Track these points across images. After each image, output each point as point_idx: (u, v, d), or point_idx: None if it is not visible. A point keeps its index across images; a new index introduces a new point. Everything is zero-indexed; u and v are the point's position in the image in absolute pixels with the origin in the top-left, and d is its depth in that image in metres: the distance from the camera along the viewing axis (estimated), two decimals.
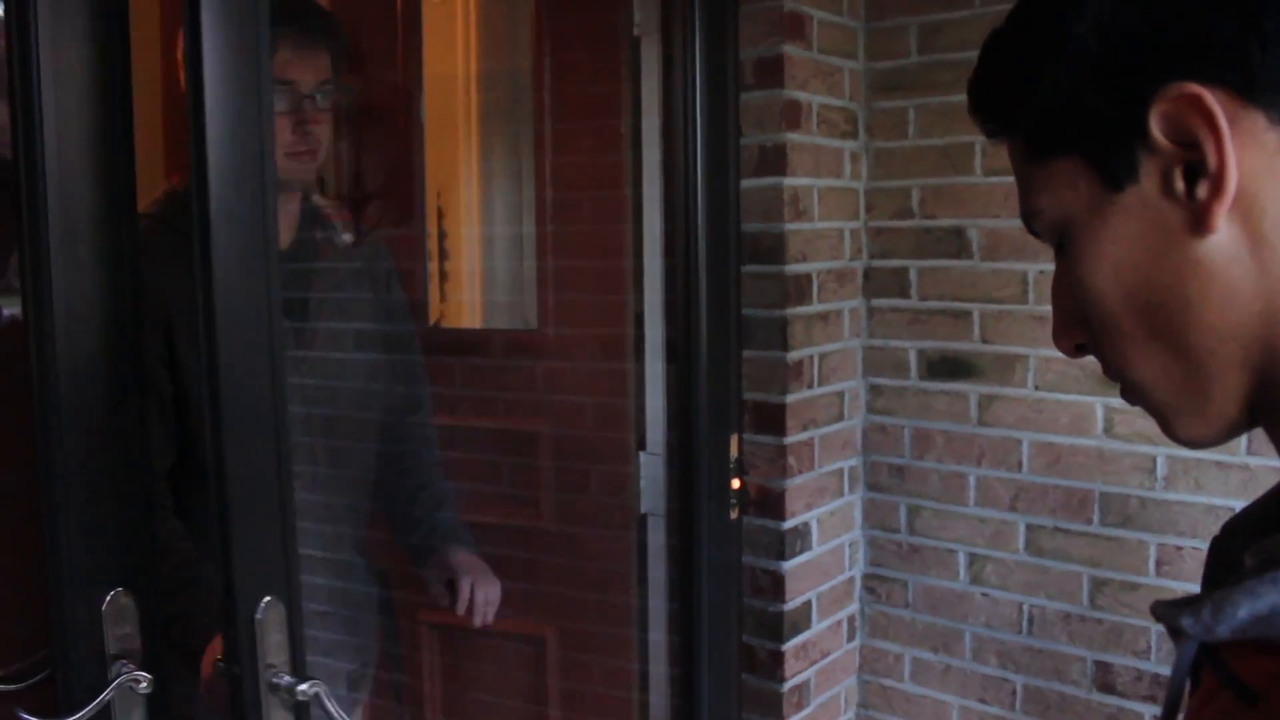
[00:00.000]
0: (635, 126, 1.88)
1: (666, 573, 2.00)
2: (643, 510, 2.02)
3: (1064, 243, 0.60)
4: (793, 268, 1.94)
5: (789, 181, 1.91)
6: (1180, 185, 0.54)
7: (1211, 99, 0.51)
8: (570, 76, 1.88)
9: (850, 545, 2.18)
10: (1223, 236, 0.53)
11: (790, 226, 1.93)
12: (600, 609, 2.20)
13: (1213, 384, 0.56)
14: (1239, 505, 1.76)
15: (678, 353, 1.87)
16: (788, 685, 2.00)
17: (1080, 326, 0.62)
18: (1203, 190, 0.53)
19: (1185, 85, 0.52)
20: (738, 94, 1.85)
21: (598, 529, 2.15)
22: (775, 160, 1.90)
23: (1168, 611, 0.55)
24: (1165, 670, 1.88)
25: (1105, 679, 1.96)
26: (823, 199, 2.01)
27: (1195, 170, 0.53)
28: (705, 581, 1.91)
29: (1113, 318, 0.58)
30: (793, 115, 1.90)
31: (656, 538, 2.00)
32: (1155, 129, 0.53)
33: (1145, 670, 1.92)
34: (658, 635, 2.04)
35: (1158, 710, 1.90)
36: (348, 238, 1.67)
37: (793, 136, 1.90)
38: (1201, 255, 0.54)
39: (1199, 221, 0.53)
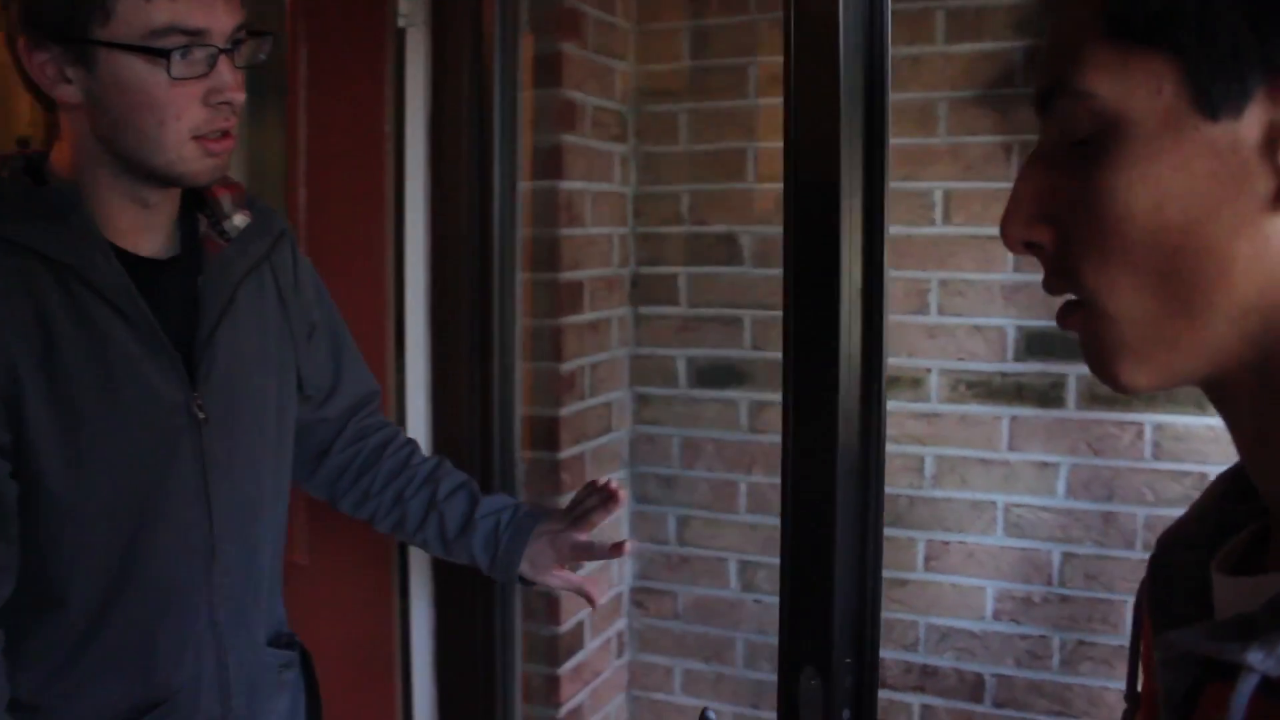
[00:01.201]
0: (399, 124, 1.85)
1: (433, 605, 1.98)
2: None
3: (1101, 143, 0.55)
4: (566, 275, 1.99)
5: (564, 185, 1.96)
6: None
7: None
8: (326, 68, 1.83)
9: (619, 560, 2.26)
10: None
11: (565, 232, 1.97)
12: (362, 640, 2.15)
13: (1196, 341, 0.55)
14: (1001, 499, 2.00)
15: (453, 365, 1.86)
16: (564, 710, 2.05)
17: (1047, 226, 0.59)
18: None
19: None
20: (515, 93, 1.87)
21: (355, 559, 2.10)
22: (552, 163, 1.94)
23: (1213, 644, 0.54)
24: (934, 661, 2.09)
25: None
26: (595, 204, 2.08)
27: None
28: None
29: (1129, 242, 0.55)
30: (568, 116, 1.95)
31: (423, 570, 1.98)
32: None
33: (914, 663, 2.11)
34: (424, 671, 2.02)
35: (926, 700, 2.11)
36: (240, 220, 1.31)
37: (568, 138, 1.95)
38: (1271, 230, 0.52)
39: None
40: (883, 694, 2.10)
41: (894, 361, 2.06)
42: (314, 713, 1.57)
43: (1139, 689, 0.73)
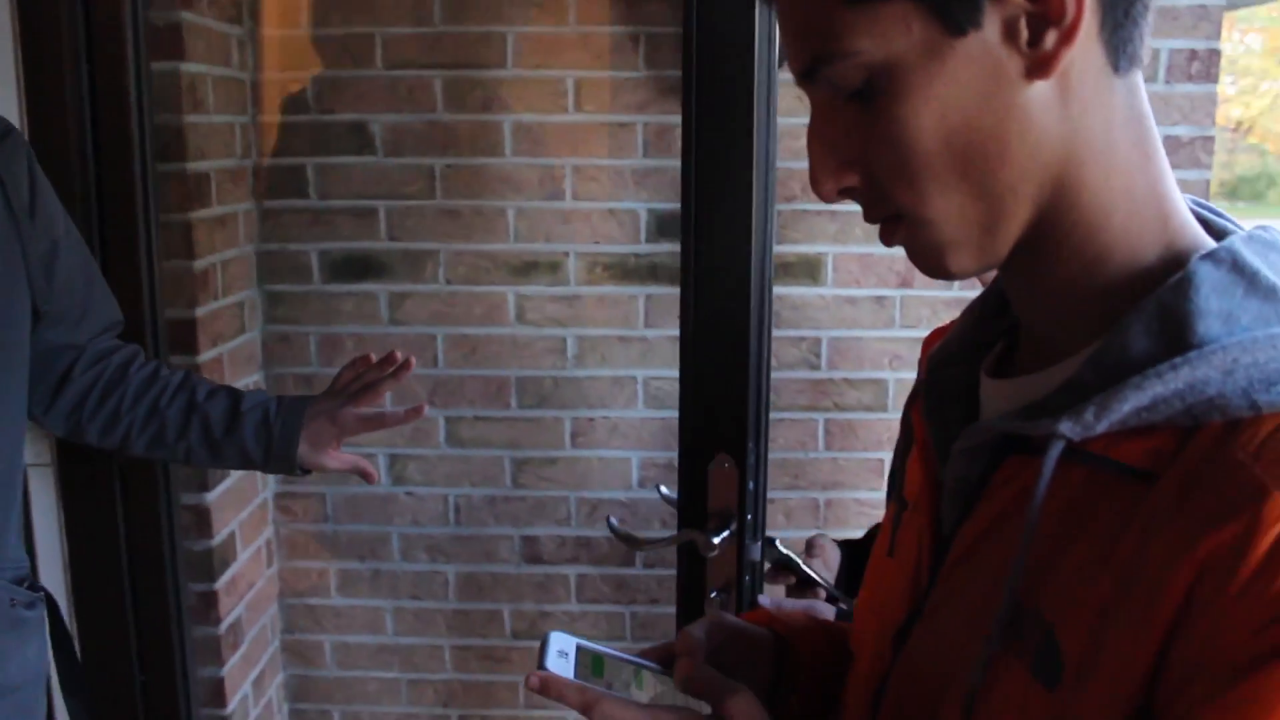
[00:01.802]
0: None
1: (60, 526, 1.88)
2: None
3: (876, 86, 0.65)
4: (194, 165, 1.91)
5: (186, 67, 1.86)
6: (1025, 34, 0.63)
7: None
8: None
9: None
10: (1043, 86, 0.64)
11: (190, 119, 1.88)
12: None
13: (1003, 219, 0.68)
14: (640, 374, 2.18)
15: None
16: (224, 626, 2.02)
17: (851, 170, 0.69)
18: (1051, 40, 0.63)
19: None
20: None
21: None
22: (171, 41, 1.83)
23: (1027, 423, 0.67)
24: (586, 533, 2.27)
25: (532, 551, 2.29)
26: (215, 89, 1.99)
27: (1037, 20, 0.63)
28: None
29: (927, 157, 0.66)
30: None
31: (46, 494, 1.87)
32: None
33: (568, 536, 2.28)
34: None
35: (582, 570, 2.28)
36: None
37: (187, 16, 1.84)
38: (1025, 101, 0.64)
39: (1040, 67, 0.63)
40: (540, 570, 2.26)
41: (532, 247, 2.17)
42: (71, 671, 1.50)
43: (904, 493, 0.88)
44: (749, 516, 1.60)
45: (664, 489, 1.82)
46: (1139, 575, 0.60)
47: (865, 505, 2.21)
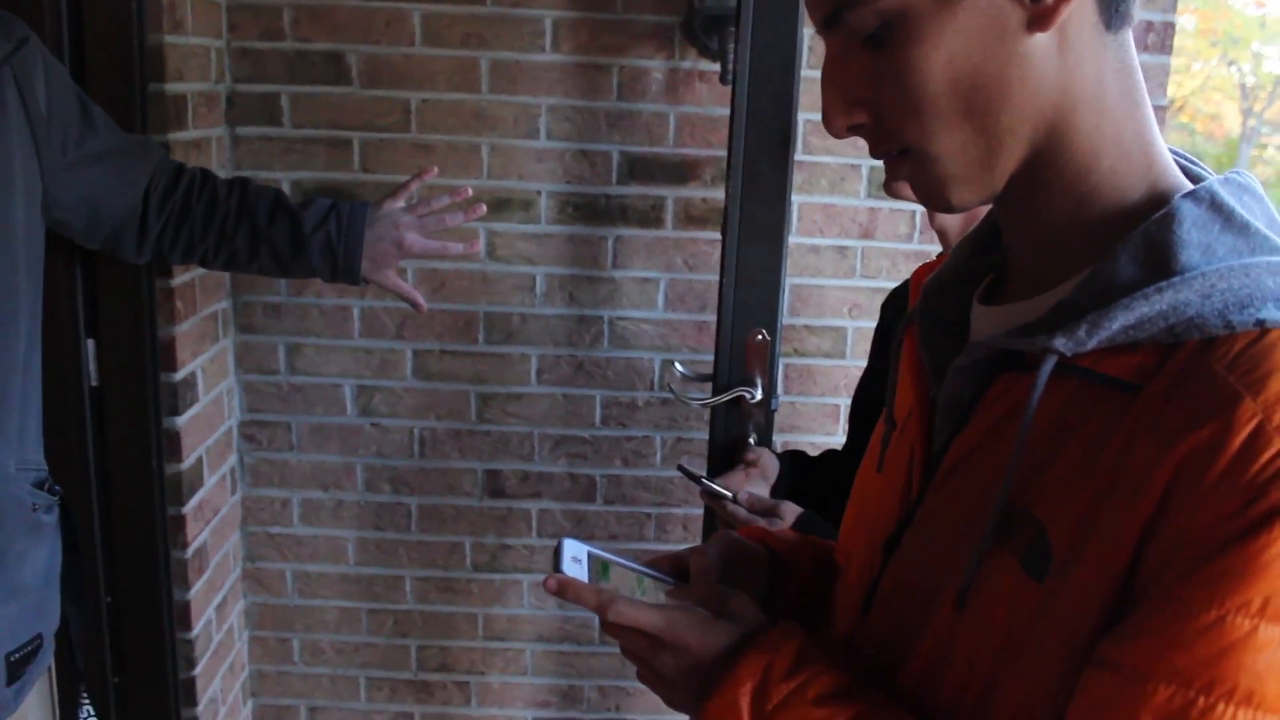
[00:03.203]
0: None
1: None
2: None
3: (890, 31, 0.72)
4: (173, 87, 1.89)
5: None
6: None
7: None
8: None
9: (228, 393, 2.23)
10: (1042, 37, 0.71)
11: (170, 39, 1.86)
12: None
13: (1001, 157, 0.74)
14: (607, 313, 2.21)
15: None
16: (190, 550, 2.02)
17: (861, 109, 0.76)
18: None
19: None
20: None
21: None
22: None
23: (1023, 340, 0.73)
24: (548, 468, 2.30)
25: (495, 485, 2.32)
26: (194, 10, 1.97)
27: None
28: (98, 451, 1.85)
29: (934, 98, 0.72)
30: None
31: None
32: None
33: (530, 471, 2.31)
34: None
35: (544, 505, 2.32)
36: None
37: None
38: (1026, 50, 0.71)
39: (1040, 20, 0.70)
40: (502, 504, 2.29)
41: (505, 184, 2.18)
42: (76, 575, 1.53)
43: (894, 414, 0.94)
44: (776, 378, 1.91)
45: (679, 366, 2.04)
46: (1124, 474, 0.67)
47: (820, 449, 2.26)
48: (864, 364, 2.25)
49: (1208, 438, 0.64)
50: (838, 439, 2.32)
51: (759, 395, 1.80)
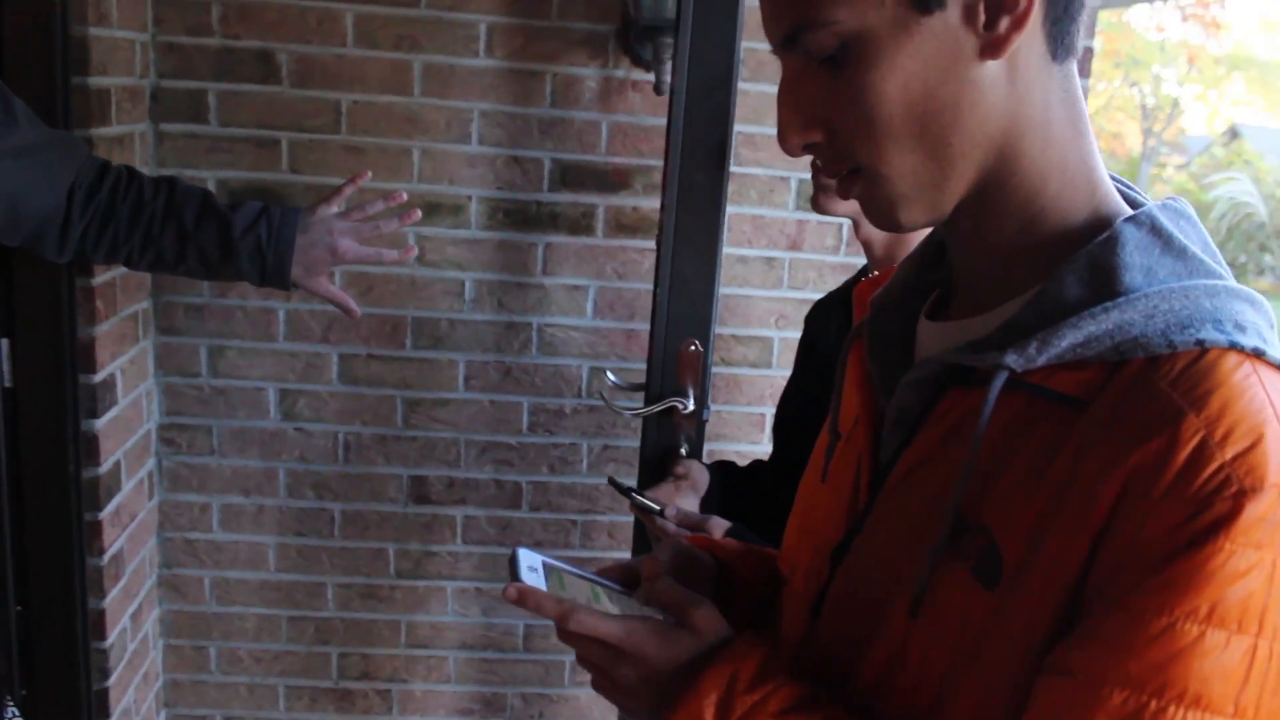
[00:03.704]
0: None
1: None
2: None
3: (848, 53, 0.73)
4: (96, 81, 1.84)
5: None
6: (982, 18, 0.72)
7: None
8: None
9: (147, 395, 2.17)
10: (993, 65, 0.73)
11: (95, 31, 1.81)
12: None
13: (951, 179, 0.76)
14: (536, 320, 2.20)
15: None
16: (106, 557, 1.96)
17: (816, 128, 0.78)
18: (1004, 25, 0.72)
19: None
20: None
21: None
22: None
23: (973, 355, 0.76)
24: (473, 475, 2.28)
25: (420, 491, 2.29)
26: (118, 3, 1.92)
27: (993, 7, 0.72)
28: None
29: (889, 120, 0.74)
30: None
31: None
32: None
33: (456, 477, 2.29)
34: None
35: (469, 512, 2.30)
36: None
37: None
38: (978, 77, 0.73)
39: (992, 48, 0.72)
40: (427, 510, 2.27)
41: (436, 188, 2.16)
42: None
43: (838, 427, 0.95)
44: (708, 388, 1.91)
45: (611, 375, 2.06)
46: (1073, 487, 0.70)
47: (746, 458, 2.28)
48: (789, 374, 2.28)
49: (1154, 452, 0.67)
50: (763, 448, 2.34)
51: (691, 405, 1.81)
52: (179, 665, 2.34)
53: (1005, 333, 0.76)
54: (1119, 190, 0.82)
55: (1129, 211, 0.78)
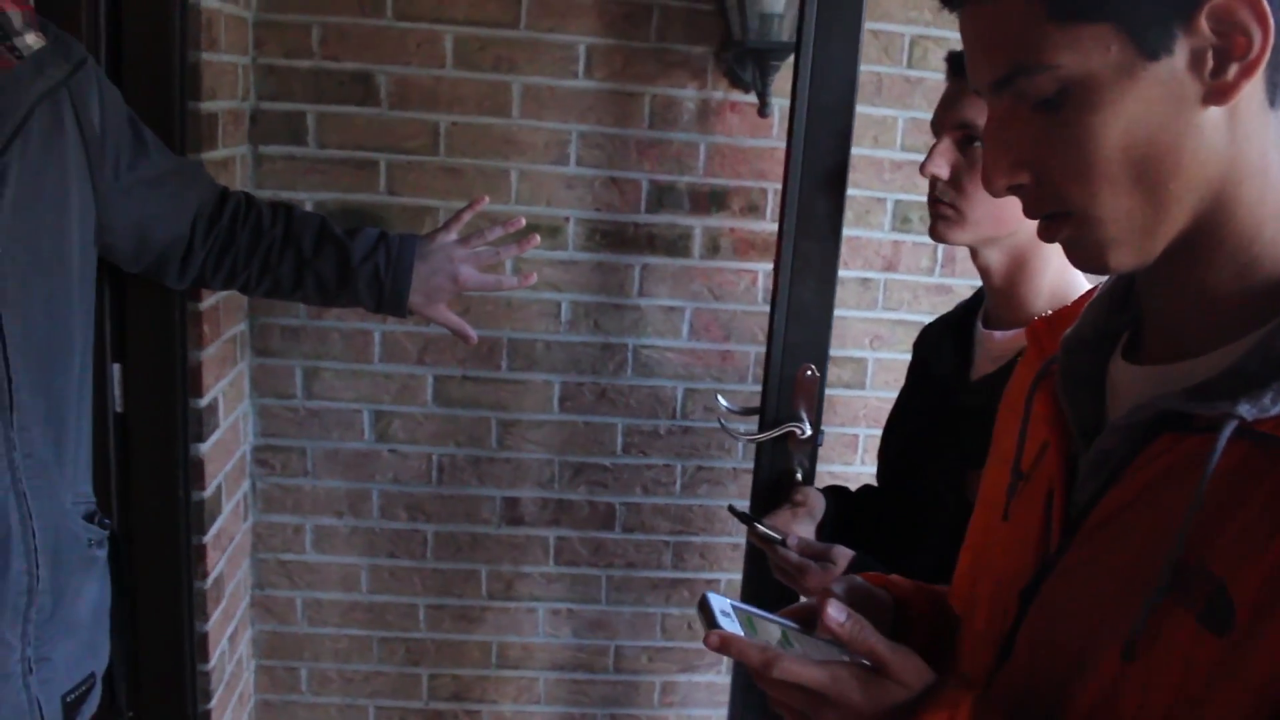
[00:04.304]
0: None
1: None
2: None
3: (1067, 96, 0.73)
4: (208, 105, 1.83)
5: (206, 2, 1.78)
6: (1210, 64, 0.71)
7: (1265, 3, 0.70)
8: None
9: (243, 417, 2.17)
10: (1216, 111, 0.72)
11: (206, 56, 1.81)
12: None
13: (1164, 224, 0.75)
14: (632, 341, 2.18)
15: None
16: (210, 580, 1.96)
17: (1024, 169, 0.77)
18: (1233, 72, 0.71)
19: None
20: None
21: None
22: None
23: (1201, 404, 0.74)
24: (567, 496, 2.27)
25: (513, 513, 2.28)
26: (226, 28, 1.91)
27: (1221, 54, 0.71)
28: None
29: (1107, 164, 0.73)
30: None
31: None
32: (1204, 19, 0.70)
33: (549, 498, 2.28)
34: None
35: (561, 533, 2.29)
36: (33, 39, 1.13)
37: None
38: (1201, 123, 0.72)
39: (1218, 95, 0.71)
40: (521, 531, 2.26)
41: (533, 210, 2.14)
42: (123, 611, 1.49)
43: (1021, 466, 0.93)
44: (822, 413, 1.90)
45: (722, 400, 2.00)
46: None
47: (839, 479, 2.26)
48: (884, 395, 2.26)
49: None
50: (857, 469, 2.32)
51: (808, 430, 1.79)
52: (271, 686, 2.33)
53: (1230, 380, 0.75)
54: None
55: None
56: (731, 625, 0.88)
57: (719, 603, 0.91)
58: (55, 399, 1.28)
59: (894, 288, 2.26)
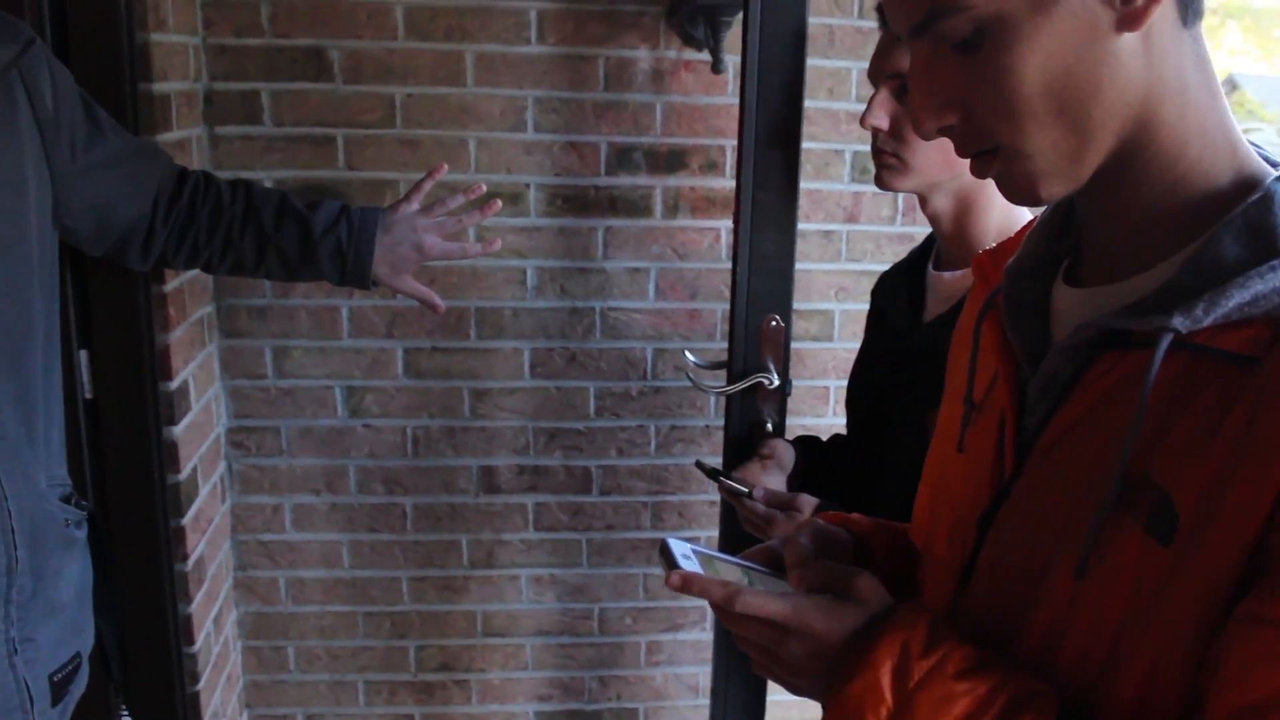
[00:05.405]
0: None
1: None
2: None
3: (984, 36, 0.74)
4: (159, 86, 1.83)
5: None
6: None
7: None
8: None
9: (215, 399, 2.17)
10: (1130, 37, 0.74)
11: (155, 37, 1.80)
12: None
13: (1090, 151, 0.77)
14: (599, 304, 2.19)
15: None
16: (190, 563, 1.97)
17: (952, 109, 0.79)
18: None
19: None
20: None
21: None
22: None
23: (1137, 319, 0.76)
24: (543, 462, 2.29)
25: (490, 481, 2.29)
26: (175, 7, 1.91)
27: None
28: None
29: (1029, 99, 0.75)
30: None
31: None
32: None
33: (526, 465, 2.29)
34: None
35: (540, 499, 2.30)
36: None
37: None
38: (1116, 50, 0.74)
39: (1130, 21, 0.73)
40: (499, 500, 2.27)
41: (493, 178, 2.15)
42: (106, 589, 1.49)
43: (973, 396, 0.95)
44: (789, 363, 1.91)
45: (690, 355, 2.02)
46: (1252, 441, 0.70)
47: (811, 431, 2.28)
48: (851, 346, 2.27)
49: None
50: (828, 420, 2.34)
51: (775, 381, 1.81)
52: (259, 666, 2.35)
53: (1165, 295, 0.77)
54: (1257, 151, 0.83)
55: (1272, 172, 0.79)
56: (691, 566, 0.90)
57: (679, 547, 0.92)
58: (23, 381, 1.28)
59: (856, 239, 2.28)
